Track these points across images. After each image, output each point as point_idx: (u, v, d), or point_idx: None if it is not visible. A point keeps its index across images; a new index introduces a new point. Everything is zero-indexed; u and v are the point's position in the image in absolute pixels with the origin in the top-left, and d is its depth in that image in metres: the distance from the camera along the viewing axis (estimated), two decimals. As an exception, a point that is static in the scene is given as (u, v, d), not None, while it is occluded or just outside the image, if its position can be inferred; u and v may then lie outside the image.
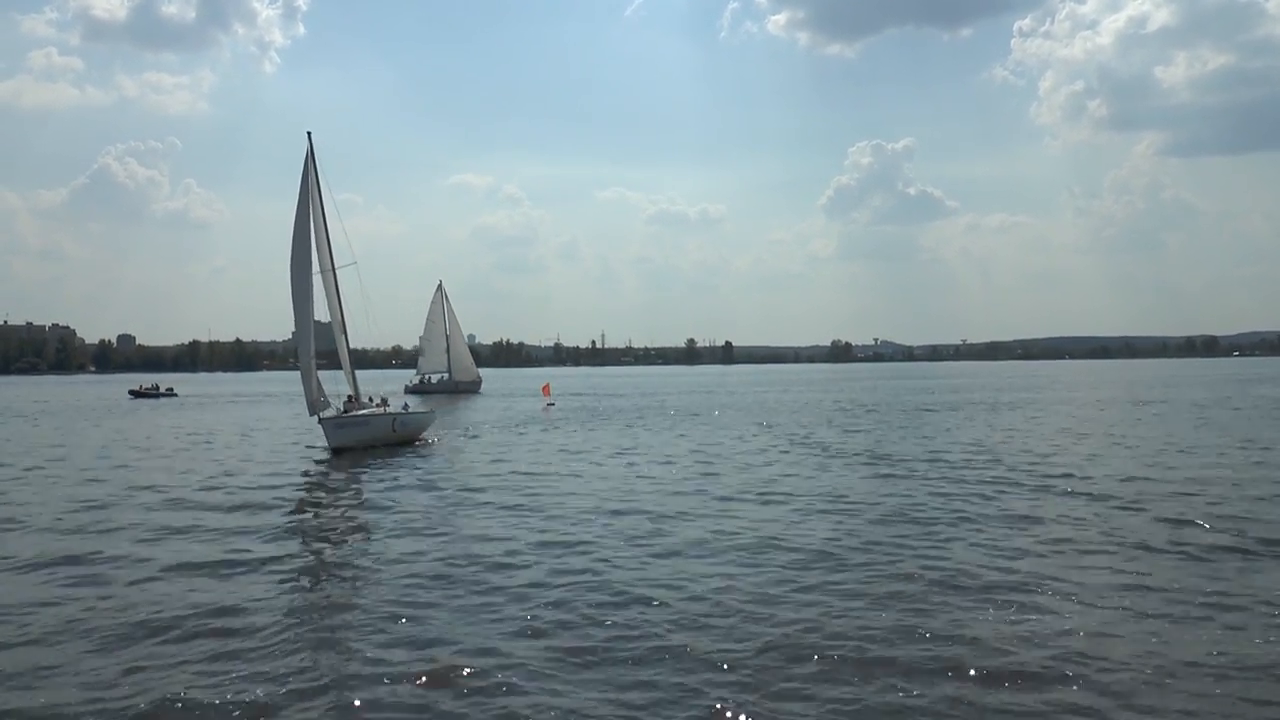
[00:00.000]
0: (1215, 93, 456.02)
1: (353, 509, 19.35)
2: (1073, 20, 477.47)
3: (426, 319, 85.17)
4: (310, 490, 22.45)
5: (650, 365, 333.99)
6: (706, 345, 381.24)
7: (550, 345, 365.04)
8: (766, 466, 25.03)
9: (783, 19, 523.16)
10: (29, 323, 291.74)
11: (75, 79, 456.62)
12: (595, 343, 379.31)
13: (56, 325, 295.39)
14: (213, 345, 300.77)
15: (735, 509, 17.99)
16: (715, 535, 15.30)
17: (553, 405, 60.56)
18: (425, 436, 34.35)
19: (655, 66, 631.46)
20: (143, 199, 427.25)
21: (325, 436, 30.18)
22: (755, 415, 48.00)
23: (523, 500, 19.42)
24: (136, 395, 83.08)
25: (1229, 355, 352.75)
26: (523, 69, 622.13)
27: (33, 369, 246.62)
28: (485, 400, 69.89)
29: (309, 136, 31.73)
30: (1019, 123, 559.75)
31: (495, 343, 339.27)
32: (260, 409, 61.51)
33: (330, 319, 33.29)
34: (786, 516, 17.06)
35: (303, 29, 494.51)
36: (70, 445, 35.08)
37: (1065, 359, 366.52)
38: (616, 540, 15.10)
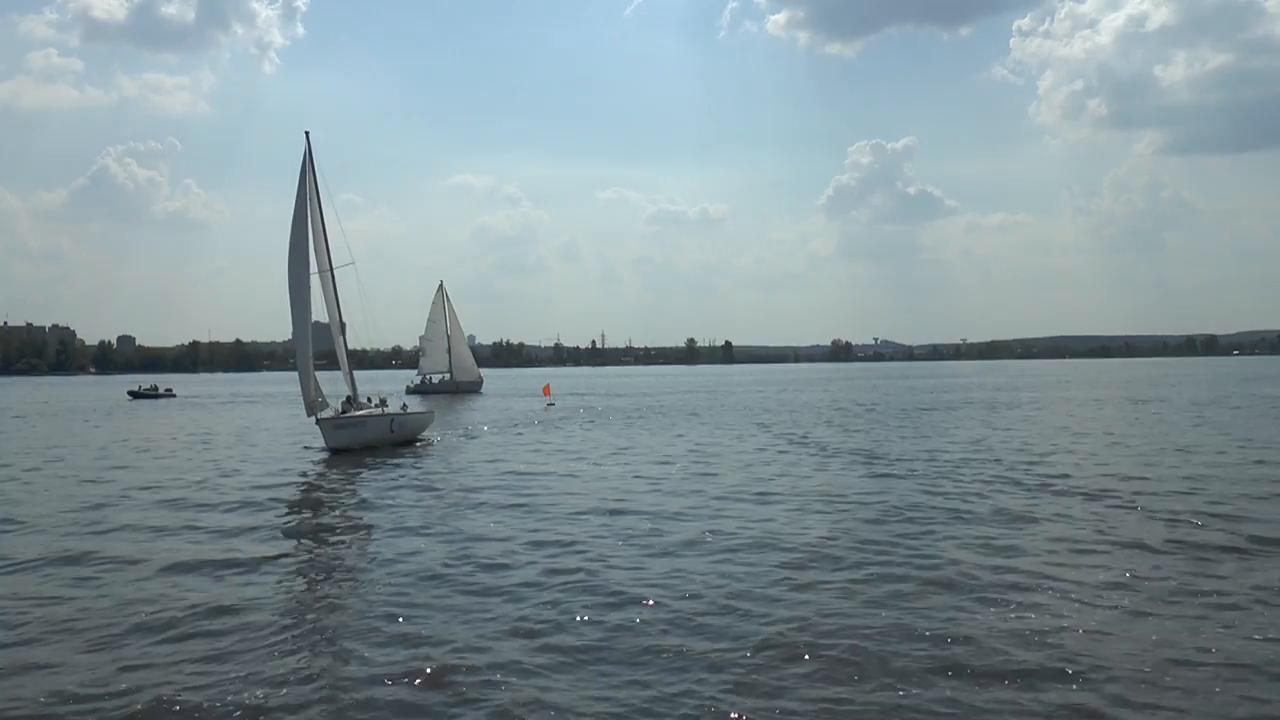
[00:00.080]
0: (1215, 91, 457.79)
1: (349, 509, 19.35)
2: (1072, 19, 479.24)
3: (428, 319, 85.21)
4: (307, 491, 22.45)
5: (650, 365, 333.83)
6: (706, 345, 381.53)
7: (550, 345, 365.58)
8: (764, 466, 25.03)
9: (782, 18, 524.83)
10: (29, 324, 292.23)
11: (75, 80, 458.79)
12: (595, 343, 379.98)
13: (56, 326, 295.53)
14: (213, 346, 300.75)
15: (732, 508, 18.00)
16: (711, 535, 15.31)
17: (553, 405, 60.59)
18: (424, 437, 34.37)
19: (655, 66, 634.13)
20: (143, 200, 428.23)
21: (323, 437, 30.21)
22: (754, 415, 47.99)
23: (520, 500, 19.43)
24: (135, 396, 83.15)
25: (1229, 354, 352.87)
26: (522, 69, 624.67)
27: (33, 370, 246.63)
28: (486, 400, 69.90)
29: (307, 136, 31.77)
30: (1019, 122, 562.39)
31: (495, 343, 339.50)
32: (259, 410, 61.51)
33: (329, 319, 33.30)
34: (783, 516, 17.07)
35: (302, 29, 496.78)
36: (69, 446, 35.10)
37: (1065, 358, 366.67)
38: (613, 540, 15.12)
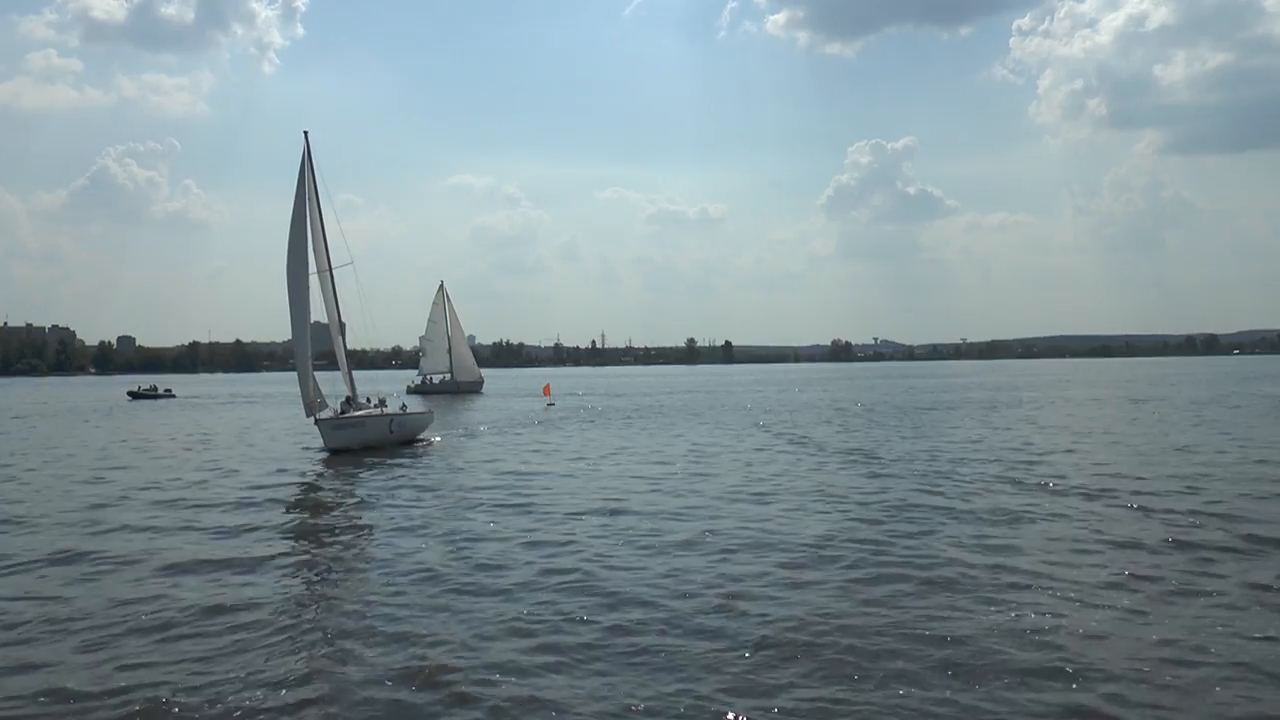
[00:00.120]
0: (1215, 91, 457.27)
1: (347, 509, 19.34)
2: (1072, 19, 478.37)
3: (428, 319, 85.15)
4: (305, 491, 22.43)
5: (650, 365, 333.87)
6: (706, 345, 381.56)
7: (550, 345, 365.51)
8: (763, 466, 25.03)
9: (782, 18, 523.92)
10: (29, 324, 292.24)
11: (74, 80, 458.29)
12: (595, 343, 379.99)
13: (56, 327, 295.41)
14: (213, 346, 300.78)
15: (730, 508, 17.98)
16: (710, 535, 15.30)
17: (553, 405, 60.62)
18: (424, 437, 34.36)
19: (654, 66, 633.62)
20: (142, 200, 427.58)
21: (321, 438, 30.18)
22: (753, 415, 48.00)
23: (519, 500, 19.43)
24: (135, 397, 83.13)
25: (1229, 353, 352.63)
26: (522, 69, 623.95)
27: (33, 371, 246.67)
28: (486, 401, 69.90)
29: (305, 136, 31.72)
30: (1018, 122, 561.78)
31: (495, 343, 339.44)
32: (258, 410, 61.51)
33: (327, 319, 33.28)
34: (781, 515, 17.06)
35: (302, 30, 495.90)
36: (68, 446, 35.10)
37: (1065, 357, 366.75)
38: (612, 540, 15.11)
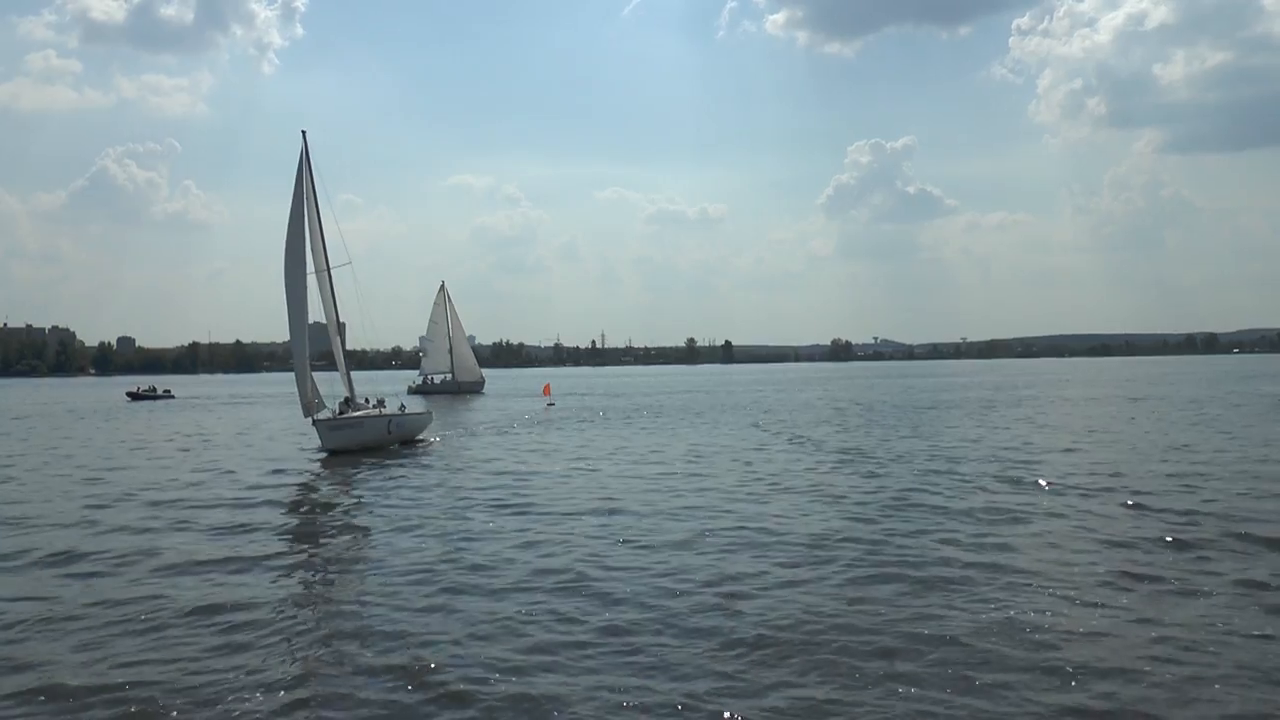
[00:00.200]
0: (1214, 90, 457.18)
1: (344, 510, 19.34)
2: (1071, 18, 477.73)
3: (429, 320, 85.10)
4: (302, 492, 22.43)
5: (650, 365, 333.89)
6: (706, 345, 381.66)
7: (550, 345, 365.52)
8: (762, 465, 25.03)
9: (781, 18, 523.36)
10: (29, 325, 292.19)
11: (74, 81, 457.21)
12: (595, 343, 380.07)
13: (56, 327, 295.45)
14: (213, 347, 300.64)
15: (727, 507, 17.98)
16: (706, 533, 15.29)
17: (553, 405, 60.64)
18: (423, 437, 34.33)
19: (654, 66, 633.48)
20: (142, 201, 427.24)
21: (319, 438, 30.14)
22: (752, 414, 48.01)
23: (517, 500, 19.42)
24: (134, 397, 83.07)
25: (1229, 352, 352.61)
26: (522, 69, 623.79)
27: (32, 371, 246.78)
28: (486, 401, 69.92)
29: (304, 136, 31.68)
30: (1018, 121, 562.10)
31: (495, 343, 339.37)
32: (258, 410, 61.51)
33: (326, 320, 33.24)
34: (779, 514, 17.05)
35: (301, 30, 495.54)
36: (67, 447, 35.11)
37: (1065, 357, 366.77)
38: (609, 539, 15.10)
